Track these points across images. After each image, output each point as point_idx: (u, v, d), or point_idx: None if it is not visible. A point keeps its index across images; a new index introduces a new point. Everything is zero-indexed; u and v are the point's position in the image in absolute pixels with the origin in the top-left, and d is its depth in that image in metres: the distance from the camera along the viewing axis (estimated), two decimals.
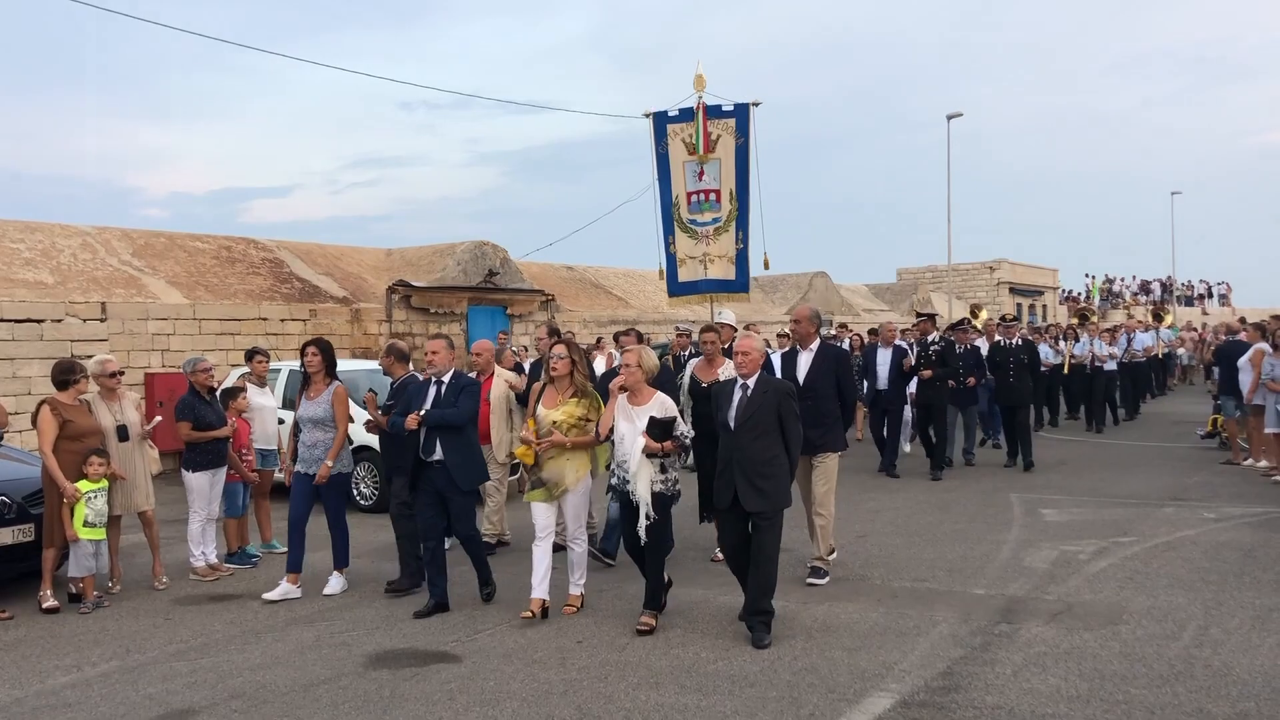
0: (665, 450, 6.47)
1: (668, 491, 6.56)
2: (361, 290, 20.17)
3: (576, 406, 6.95)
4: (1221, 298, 56.75)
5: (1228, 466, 13.31)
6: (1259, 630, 6.20)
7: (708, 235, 11.39)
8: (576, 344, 7.53)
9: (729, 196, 11.24)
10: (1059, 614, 6.66)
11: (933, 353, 13.30)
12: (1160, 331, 24.86)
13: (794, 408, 6.45)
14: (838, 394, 7.98)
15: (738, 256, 11.33)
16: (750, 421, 6.34)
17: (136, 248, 17.92)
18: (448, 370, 7.44)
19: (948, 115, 33.55)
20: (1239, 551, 8.31)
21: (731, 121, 11.24)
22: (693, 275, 11.53)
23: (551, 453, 6.89)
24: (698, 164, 11.33)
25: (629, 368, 6.71)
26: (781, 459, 6.39)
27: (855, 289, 39.78)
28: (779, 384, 6.59)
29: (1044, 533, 9.26)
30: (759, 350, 6.53)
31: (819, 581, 7.66)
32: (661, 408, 6.57)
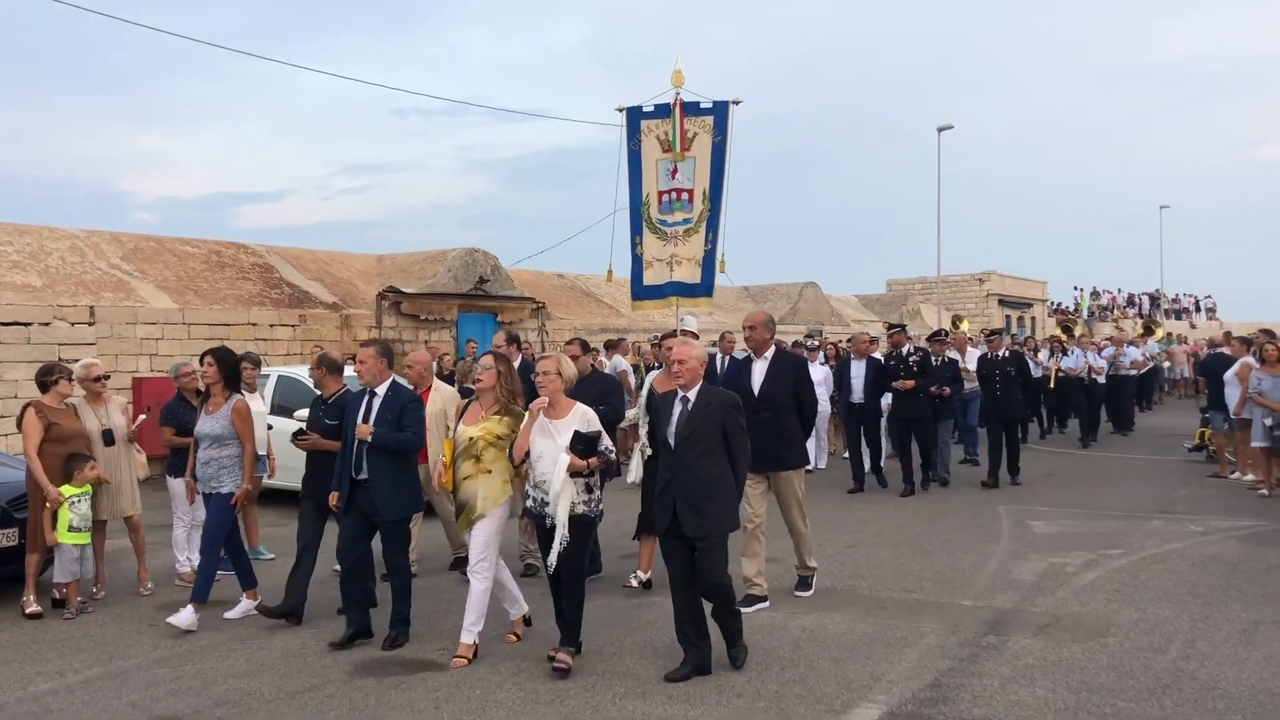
0: (590, 467, 5.92)
1: (591, 513, 6.02)
2: (352, 296, 20.13)
3: (497, 424, 6.26)
4: (1209, 311, 57.01)
5: (1215, 479, 13.35)
6: (1245, 644, 6.21)
7: (677, 236, 10.87)
8: (506, 355, 6.91)
9: (702, 196, 10.75)
10: (1047, 626, 6.66)
11: (912, 364, 12.74)
12: (1147, 345, 24.76)
13: (740, 422, 5.93)
14: (796, 406, 7.52)
15: (705, 259, 10.84)
16: (692, 438, 5.82)
17: (126, 251, 17.86)
18: (381, 381, 6.71)
19: (938, 127, 33.70)
20: (1226, 565, 8.32)
21: (710, 119, 10.78)
22: (657, 278, 11.00)
23: (465, 471, 6.23)
24: (671, 162, 10.82)
25: (547, 375, 6.08)
26: (727, 479, 5.85)
27: (845, 299, 39.85)
28: (723, 396, 6.02)
29: (1032, 545, 9.26)
30: (698, 359, 5.98)
31: (805, 594, 7.57)
32: (584, 421, 6.01)
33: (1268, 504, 11.36)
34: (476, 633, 6.17)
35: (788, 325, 30.60)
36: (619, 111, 11.11)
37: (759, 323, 7.62)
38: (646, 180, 10.93)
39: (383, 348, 6.83)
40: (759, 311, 7.97)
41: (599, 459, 5.97)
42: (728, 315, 31.36)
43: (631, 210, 11.03)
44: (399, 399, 6.68)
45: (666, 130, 10.75)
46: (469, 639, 6.15)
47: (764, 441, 7.06)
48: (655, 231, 10.90)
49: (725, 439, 5.86)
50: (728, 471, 5.87)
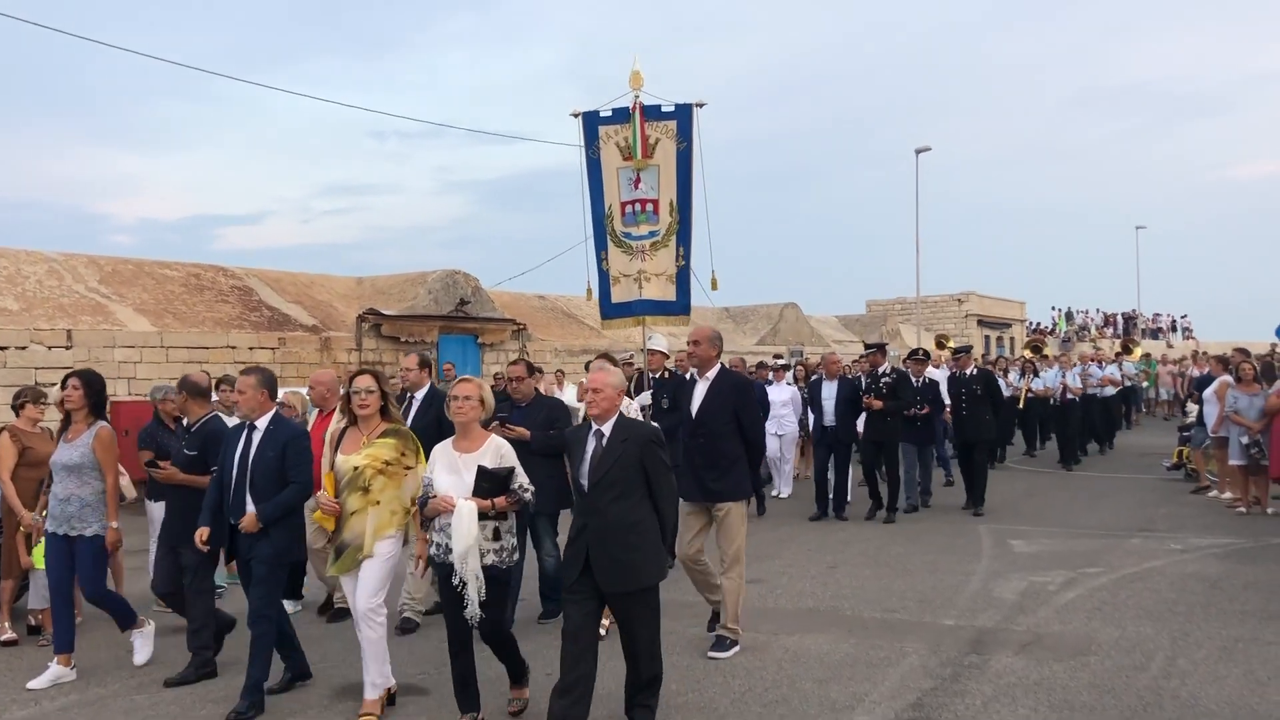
0: (496, 509, 5.20)
1: (501, 564, 5.24)
2: (331, 319, 20.07)
3: (383, 448, 5.55)
4: (1185, 331, 57.49)
5: (1195, 496, 13.43)
6: (1225, 661, 6.23)
7: (644, 250, 10.14)
8: (384, 374, 6.04)
9: (669, 208, 10.03)
10: (1028, 645, 6.67)
11: (884, 385, 12.10)
12: (1122, 364, 24.54)
13: (663, 459, 5.20)
14: (738, 431, 6.78)
15: (678, 275, 10.13)
16: (607, 479, 5.09)
17: (104, 275, 17.77)
18: (262, 413, 6.00)
19: (916, 149, 34.01)
20: (1205, 583, 8.36)
21: (672, 124, 10.05)
22: (626, 295, 10.26)
23: (352, 505, 5.51)
24: (633, 170, 10.09)
25: (468, 401, 5.35)
26: (649, 524, 5.15)
27: (825, 320, 40.00)
28: (642, 430, 5.31)
29: (1013, 564, 9.28)
30: (614, 387, 5.25)
31: (722, 655, 6.53)
32: (496, 456, 5.30)
33: (1246, 521, 11.43)
34: (381, 685, 5.55)
35: (768, 346, 30.67)
36: (574, 117, 10.40)
37: (704, 338, 6.97)
38: (608, 190, 10.29)
39: (264, 376, 6.13)
40: (705, 326, 7.35)
41: (509, 500, 5.23)
42: None
43: (594, 223, 10.39)
44: (281, 434, 5.94)
45: (626, 136, 10.10)
46: (373, 695, 5.50)
47: (698, 469, 6.69)
48: (620, 245, 10.23)
49: (646, 478, 5.15)
50: (650, 516, 5.17)
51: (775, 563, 9.54)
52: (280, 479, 5.85)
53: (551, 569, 7.43)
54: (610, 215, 10.27)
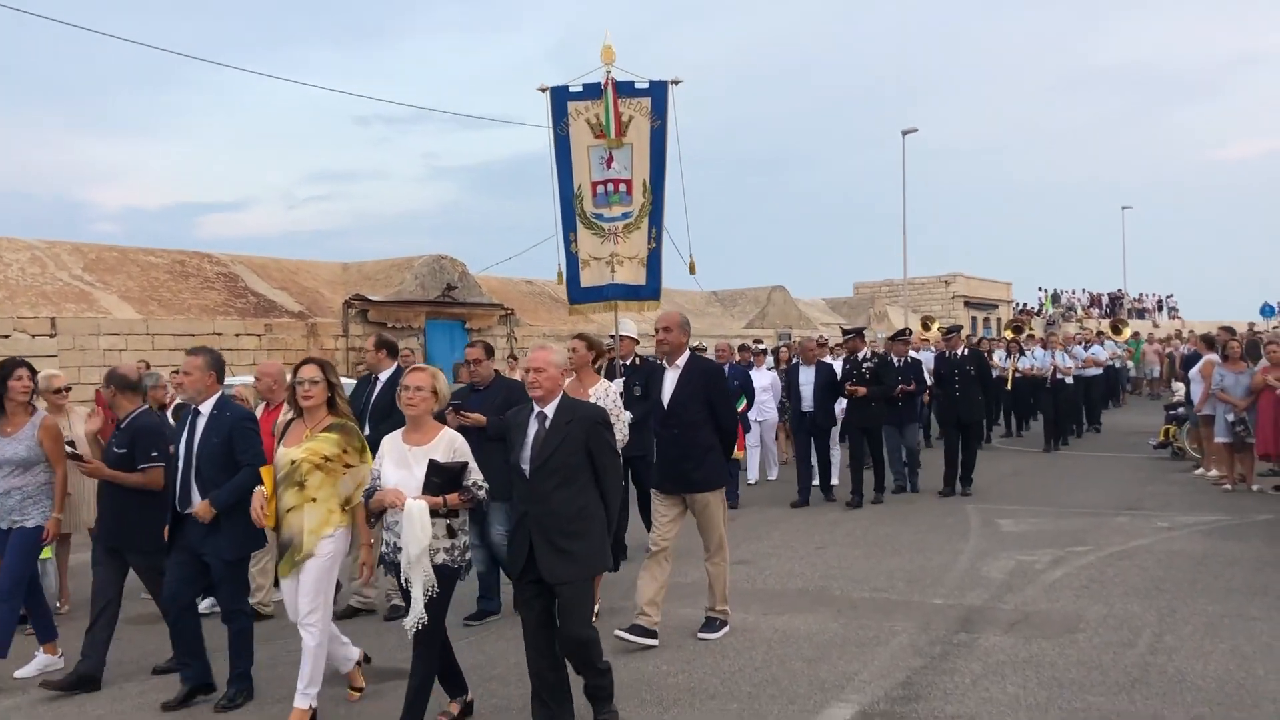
0: (449, 506, 4.92)
1: (453, 563, 4.97)
2: (318, 305, 20.01)
3: (324, 443, 5.21)
4: (1171, 310, 57.74)
5: (1182, 475, 13.50)
6: (1211, 637, 6.27)
7: (616, 232, 9.71)
8: (331, 365, 5.61)
9: (642, 188, 9.64)
10: (1016, 623, 6.70)
11: (866, 370, 11.86)
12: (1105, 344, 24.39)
13: (610, 441, 5.01)
14: (712, 419, 6.58)
15: (649, 258, 9.77)
16: (550, 464, 4.81)
17: (87, 262, 17.66)
18: (207, 396, 5.73)
19: (903, 131, 34.04)
20: (1191, 560, 8.41)
21: (646, 101, 9.64)
22: (597, 279, 9.85)
23: (289, 501, 5.21)
24: (605, 149, 9.65)
25: (418, 391, 5.05)
26: (594, 510, 4.92)
27: (813, 303, 40.04)
28: (588, 411, 5.04)
29: (1001, 543, 9.32)
30: (557, 366, 4.97)
31: (711, 635, 6.54)
32: (448, 448, 5.02)
33: (1231, 498, 11.50)
34: (313, 695, 5.23)
35: (756, 329, 30.69)
36: (541, 92, 9.92)
37: (674, 324, 6.68)
38: (578, 169, 9.81)
39: (212, 358, 5.83)
40: (673, 311, 6.98)
41: (463, 496, 4.96)
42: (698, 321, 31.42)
43: (562, 203, 9.90)
44: (226, 419, 5.68)
45: (598, 113, 9.64)
46: (304, 704, 5.18)
47: (673, 459, 6.53)
48: (591, 227, 9.80)
49: (591, 463, 4.91)
50: (595, 503, 4.93)
51: (764, 544, 9.56)
52: (228, 465, 5.61)
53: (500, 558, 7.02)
54: (580, 195, 9.84)
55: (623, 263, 9.77)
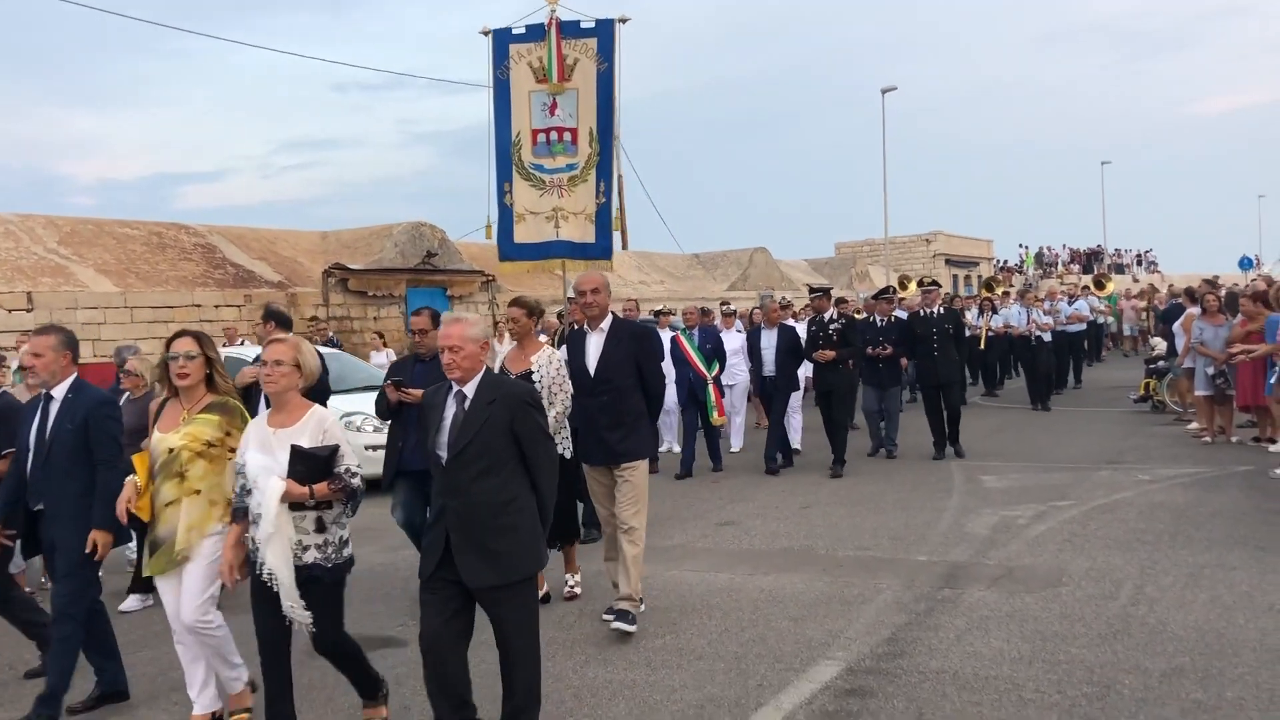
0: (317, 498, 4.32)
1: (326, 562, 4.37)
2: (297, 274, 19.88)
3: (204, 425, 4.71)
4: (1151, 265, 57.98)
5: (1162, 428, 13.61)
6: (1192, 587, 6.34)
7: (560, 185, 9.00)
8: (209, 336, 5.04)
9: (588, 137, 8.94)
10: (1000, 578, 6.76)
11: (833, 332, 11.18)
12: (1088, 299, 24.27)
13: (540, 423, 4.35)
14: (640, 386, 6.24)
15: (598, 213, 9.08)
16: (470, 450, 4.18)
17: (63, 235, 17.48)
18: (61, 379, 5.16)
19: (882, 89, 34.02)
20: (1172, 512, 8.49)
21: (592, 42, 8.93)
22: (535, 235, 9.12)
23: (168, 494, 4.67)
24: (548, 95, 8.96)
25: (278, 365, 4.44)
26: (525, 503, 4.29)
27: (795, 264, 40.03)
28: (514, 389, 4.39)
29: (984, 499, 9.39)
30: (474, 341, 4.28)
31: (626, 627, 5.91)
32: (317, 430, 4.43)
33: (1211, 450, 11.60)
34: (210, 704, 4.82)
35: (739, 291, 30.68)
36: (483, 35, 9.18)
37: (603, 285, 6.28)
38: (517, 115, 9.12)
39: (65, 336, 5.23)
40: (596, 273, 6.53)
41: (332, 486, 4.34)
42: (680, 284, 31.41)
43: (498, 151, 9.18)
44: (81, 403, 5.09)
45: (541, 56, 8.95)
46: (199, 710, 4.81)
47: (600, 429, 6.14)
48: (528, 178, 9.09)
49: (520, 449, 4.28)
50: (525, 494, 4.31)
51: (749, 505, 9.61)
52: (84, 455, 5.04)
53: None
54: (518, 144, 9.13)
55: (568, 218, 9.11)
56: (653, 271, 32.09)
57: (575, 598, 6.79)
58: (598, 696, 5.07)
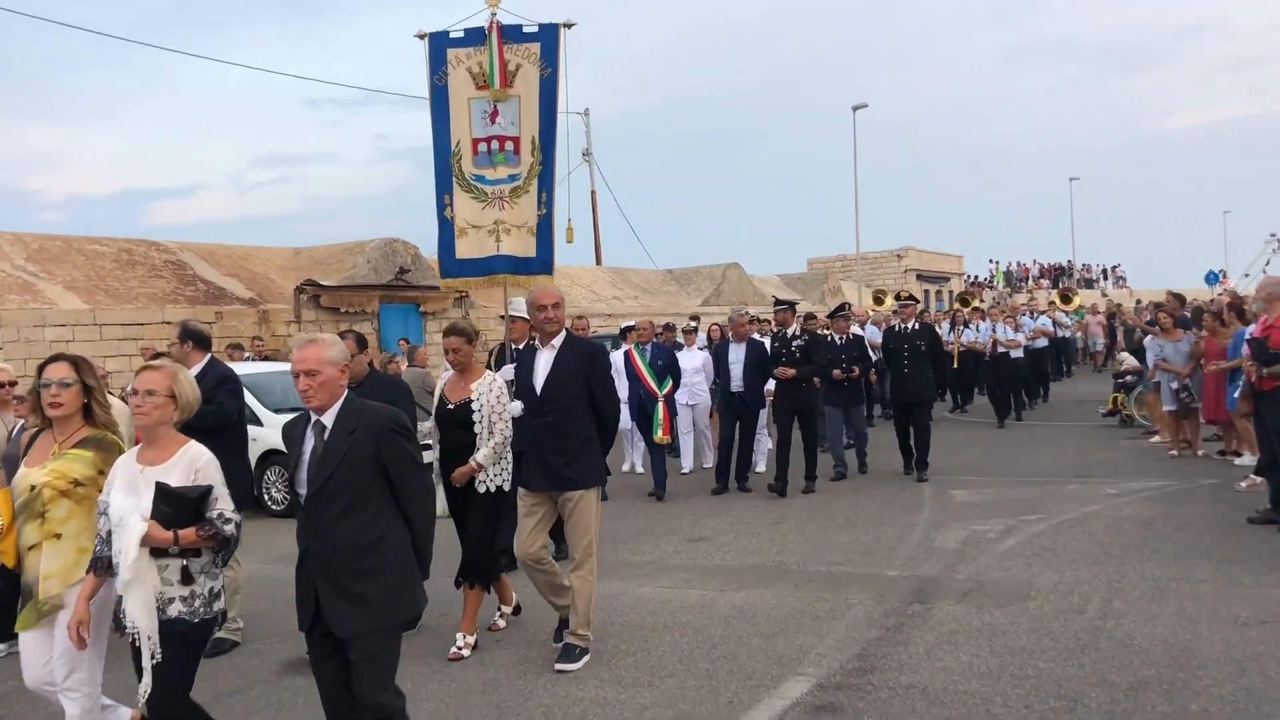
0: (181, 544, 3.87)
1: (191, 616, 3.91)
2: (269, 291, 19.79)
3: (75, 462, 4.28)
4: (1119, 280, 58.56)
5: (1130, 442, 13.74)
6: (1158, 600, 6.41)
7: (501, 197, 8.65)
8: (89, 361, 4.60)
9: (531, 146, 8.62)
10: (970, 592, 6.81)
11: (795, 348, 10.93)
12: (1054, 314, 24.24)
13: (411, 452, 3.97)
14: (591, 407, 5.87)
15: (539, 226, 8.70)
16: (330, 486, 3.82)
17: (30, 252, 17.33)
18: None
19: (853, 106, 34.26)
20: (1139, 525, 8.57)
21: (535, 47, 8.61)
22: (478, 250, 8.73)
23: (30, 536, 4.26)
24: (489, 102, 8.65)
25: (149, 396, 4.02)
26: (394, 542, 3.91)
27: (768, 279, 40.17)
28: (379, 416, 3.95)
29: (954, 513, 9.45)
30: (334, 364, 3.90)
31: (570, 666, 5.66)
32: (189, 469, 3.98)
33: (1177, 464, 11.72)
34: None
35: (712, 307, 30.75)
36: (420, 39, 8.93)
37: (561, 300, 5.94)
38: (456, 124, 8.79)
39: None
40: (549, 286, 6.15)
41: (201, 531, 3.89)
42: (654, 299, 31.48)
43: (438, 162, 8.86)
44: None
45: (481, 61, 8.63)
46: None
47: (545, 452, 5.75)
48: (470, 190, 8.76)
49: (388, 481, 3.91)
50: (397, 531, 3.94)
51: (721, 520, 9.63)
52: None
53: None
54: (458, 154, 8.76)
55: (510, 231, 8.66)
56: (626, 287, 32.14)
57: (498, 629, 6.46)
58: (568, 714, 5.06)
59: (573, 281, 29.24)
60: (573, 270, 30.52)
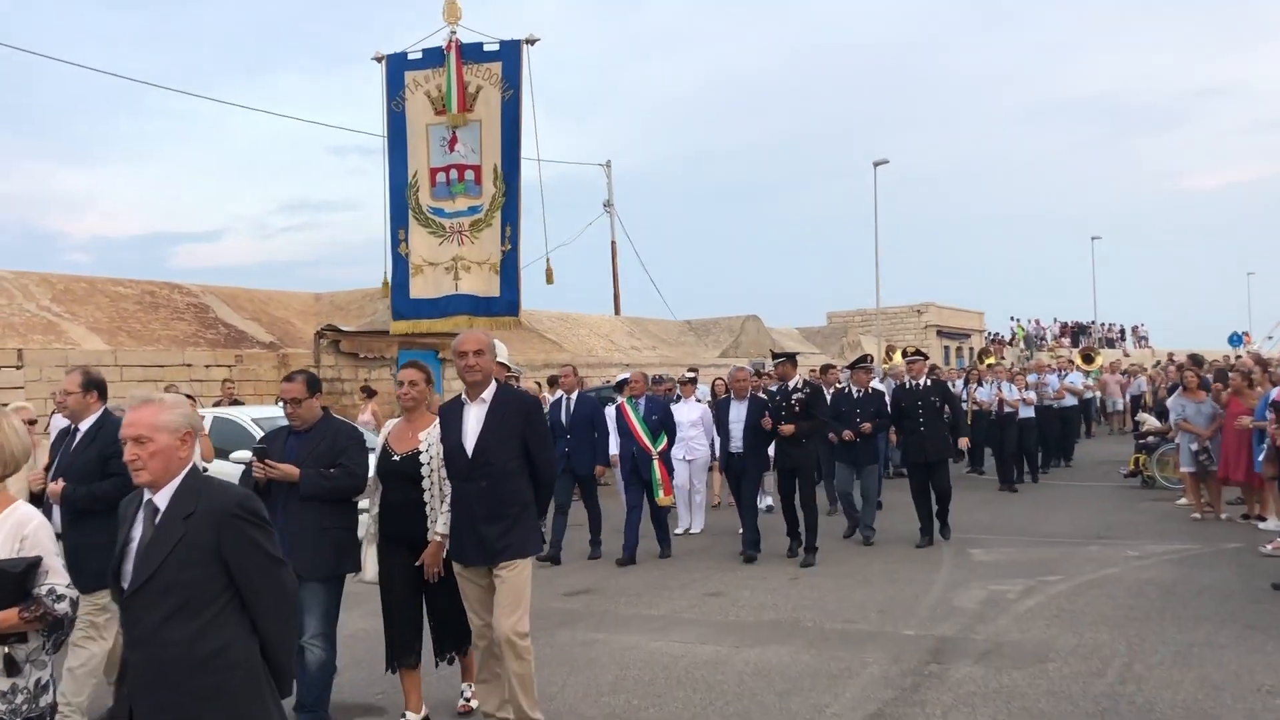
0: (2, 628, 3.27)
1: (13, 715, 3.36)
2: (289, 335, 19.90)
3: None
4: (1141, 339, 58.33)
5: (1151, 504, 13.58)
6: (1180, 666, 6.30)
7: (461, 231, 8.03)
8: None
9: (493, 175, 7.96)
10: (988, 653, 6.71)
11: (795, 402, 10.13)
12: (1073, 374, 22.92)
13: (259, 543, 3.21)
14: (527, 467, 5.22)
15: (503, 262, 8.06)
16: (157, 582, 3.12)
17: (56, 293, 17.52)
18: None
19: (874, 162, 34.43)
20: (1161, 588, 8.45)
21: (496, 66, 7.88)
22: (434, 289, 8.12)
23: None
24: (448, 128, 7.99)
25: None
26: (239, 654, 3.19)
27: (787, 332, 40.17)
28: (219, 498, 3.23)
29: (973, 572, 9.34)
30: (171, 430, 3.22)
31: None
32: (12, 537, 3.36)
33: (1200, 527, 11.58)
34: None
35: (730, 359, 30.75)
36: (377, 61, 8.19)
37: (487, 347, 5.27)
38: (413, 153, 8.13)
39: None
40: (477, 331, 5.51)
41: (26, 613, 3.28)
42: (672, 350, 31.50)
43: (392, 193, 8.17)
44: None
45: (440, 84, 7.93)
46: None
47: (478, 521, 5.08)
48: (426, 224, 8.16)
49: (230, 580, 3.17)
50: (240, 642, 3.19)
51: (737, 575, 9.54)
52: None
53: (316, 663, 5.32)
54: (415, 185, 8.18)
55: (470, 268, 8.13)
56: (645, 337, 32.19)
57: (470, 712, 5.81)
58: None
59: (591, 331, 29.32)
60: (591, 320, 30.62)
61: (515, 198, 7.98)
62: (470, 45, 7.99)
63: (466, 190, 8.09)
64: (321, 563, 5.27)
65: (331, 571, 5.35)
